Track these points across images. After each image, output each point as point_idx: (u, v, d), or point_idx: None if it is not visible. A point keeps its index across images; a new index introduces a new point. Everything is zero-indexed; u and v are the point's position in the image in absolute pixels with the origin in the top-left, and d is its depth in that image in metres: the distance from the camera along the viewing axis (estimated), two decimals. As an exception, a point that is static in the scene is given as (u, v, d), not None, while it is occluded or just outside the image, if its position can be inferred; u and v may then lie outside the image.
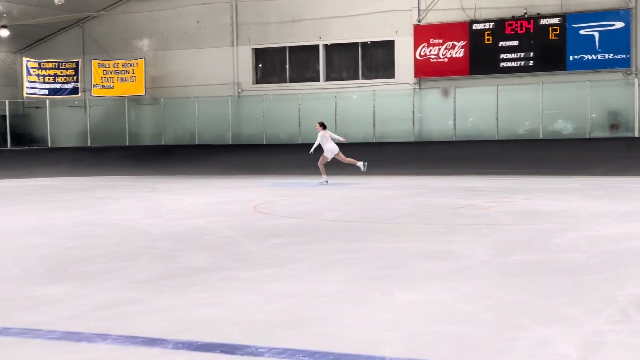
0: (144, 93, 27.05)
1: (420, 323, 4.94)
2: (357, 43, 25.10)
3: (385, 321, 5.01)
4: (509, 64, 22.82)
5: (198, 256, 7.85)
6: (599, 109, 22.31)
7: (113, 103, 27.71)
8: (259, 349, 4.36)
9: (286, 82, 26.14)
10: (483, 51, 23.06)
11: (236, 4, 26.38)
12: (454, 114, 23.44)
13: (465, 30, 23.28)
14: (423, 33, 23.78)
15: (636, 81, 21.80)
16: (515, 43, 22.69)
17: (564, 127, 22.82)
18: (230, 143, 26.15)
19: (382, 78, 24.81)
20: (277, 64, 26.46)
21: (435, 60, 23.65)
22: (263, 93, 25.94)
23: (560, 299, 5.55)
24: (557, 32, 22.27)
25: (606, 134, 22.36)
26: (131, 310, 5.45)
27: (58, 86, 26.69)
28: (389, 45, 24.68)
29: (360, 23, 24.70)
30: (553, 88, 22.51)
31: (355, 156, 19.49)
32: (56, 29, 28.38)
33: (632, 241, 8.41)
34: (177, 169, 24.73)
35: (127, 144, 27.23)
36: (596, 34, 21.92)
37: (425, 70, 23.84)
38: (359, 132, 24.39)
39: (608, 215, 11.06)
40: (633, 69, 21.92)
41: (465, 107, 23.45)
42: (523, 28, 22.59)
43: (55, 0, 24.11)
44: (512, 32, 22.70)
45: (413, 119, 23.97)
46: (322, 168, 19.21)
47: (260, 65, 26.73)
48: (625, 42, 21.75)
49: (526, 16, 22.60)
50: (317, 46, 25.56)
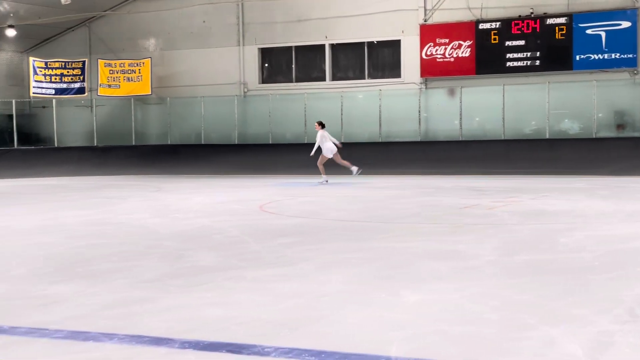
0: (150, 93, 27.08)
1: (426, 323, 4.94)
2: (364, 43, 25.09)
3: (391, 321, 5.01)
4: (516, 64, 22.77)
5: (205, 256, 7.86)
6: (606, 109, 22.26)
7: (119, 103, 27.76)
8: (266, 349, 4.36)
9: (292, 82, 26.14)
10: (489, 51, 23.02)
11: (242, 4, 26.39)
12: (460, 114, 23.41)
13: (471, 29, 23.25)
14: (429, 33, 23.76)
15: (643, 81, 21.77)
16: (521, 43, 22.64)
17: (571, 127, 22.77)
18: (236, 143, 26.17)
19: (388, 78, 24.78)
20: (283, 64, 26.47)
21: (441, 59, 23.62)
22: (269, 93, 25.95)
23: (567, 299, 5.54)
24: (564, 32, 22.22)
25: (613, 134, 22.31)
26: (138, 309, 5.46)
27: (64, 86, 26.73)
28: (395, 44, 24.66)
29: (366, 23, 24.68)
30: (559, 88, 22.45)
31: (360, 156, 19.48)
32: (63, 29, 28.44)
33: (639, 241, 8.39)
34: (183, 169, 24.76)
35: (134, 144, 27.27)
36: (603, 34, 21.86)
37: (431, 69, 23.82)
38: (365, 132, 24.41)
39: (615, 215, 11.03)
40: (640, 69, 21.90)
41: (471, 107, 23.42)
42: (529, 28, 22.54)
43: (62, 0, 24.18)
44: (519, 32, 22.66)
45: (419, 119, 23.95)
46: (322, 168, 19.20)
47: (266, 64, 26.74)
48: (632, 42, 21.68)
49: (532, 16, 22.55)
50: (323, 46, 25.57)
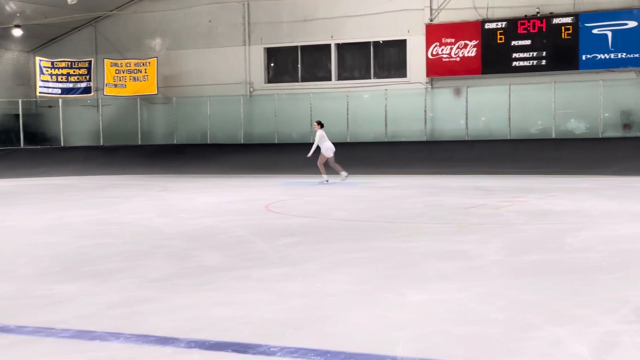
0: (156, 92, 27.09)
1: (431, 323, 4.93)
2: (369, 42, 25.06)
3: (396, 321, 5.01)
4: (522, 64, 22.72)
5: (210, 255, 7.87)
6: (612, 109, 22.20)
7: (125, 102, 27.80)
8: (271, 348, 4.37)
9: (298, 82, 26.14)
10: (495, 50, 22.97)
11: (248, 4, 26.40)
12: (466, 114, 23.37)
13: (477, 29, 23.21)
14: (435, 32, 23.72)
15: (649, 80, 21.70)
16: (527, 42, 22.59)
17: (577, 127, 22.72)
18: (242, 142, 26.17)
19: (394, 77, 24.75)
20: (289, 63, 26.46)
21: (447, 59, 23.59)
22: (275, 92, 25.95)
23: (573, 299, 5.53)
24: (570, 32, 22.16)
25: (619, 134, 22.24)
26: (144, 309, 5.47)
27: (71, 85, 26.78)
28: (401, 44, 24.63)
29: (372, 22, 24.66)
30: (565, 87, 22.40)
31: (366, 155, 19.48)
32: (69, 29, 28.49)
33: (646, 241, 8.37)
34: (189, 168, 24.79)
35: (140, 143, 27.29)
36: (609, 33, 21.80)
37: (437, 69, 23.79)
38: (371, 132, 24.38)
39: (621, 215, 11.01)
40: (646, 68, 21.83)
41: (477, 107, 23.38)
42: (535, 27, 22.49)
43: (68, -1, 24.23)
44: (525, 32, 22.60)
45: (425, 119, 23.92)
46: (322, 167, 19.20)
47: (272, 64, 26.74)
48: (638, 42, 21.58)
49: (539, 15, 22.50)
50: (329, 45, 25.55)
